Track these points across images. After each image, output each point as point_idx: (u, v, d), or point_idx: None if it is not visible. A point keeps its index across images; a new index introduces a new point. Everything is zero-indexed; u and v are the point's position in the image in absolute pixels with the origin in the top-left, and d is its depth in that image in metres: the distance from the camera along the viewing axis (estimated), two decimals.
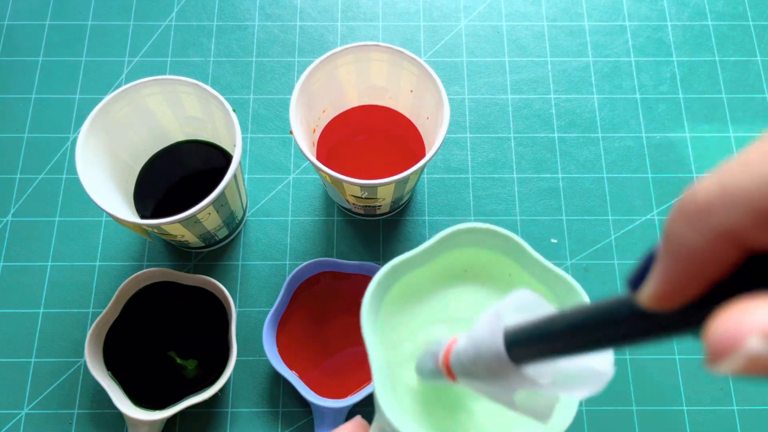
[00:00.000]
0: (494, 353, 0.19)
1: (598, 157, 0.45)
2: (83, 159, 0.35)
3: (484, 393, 0.21)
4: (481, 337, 0.19)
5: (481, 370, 0.20)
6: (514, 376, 0.19)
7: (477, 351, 0.20)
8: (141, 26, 0.49)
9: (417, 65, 0.37)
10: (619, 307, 0.14)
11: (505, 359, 0.18)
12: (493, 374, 0.19)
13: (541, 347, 0.17)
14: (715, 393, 0.40)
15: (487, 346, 0.19)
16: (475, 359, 0.20)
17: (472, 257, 0.28)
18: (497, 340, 0.18)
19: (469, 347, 0.20)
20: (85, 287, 0.42)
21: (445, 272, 0.28)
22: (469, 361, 0.20)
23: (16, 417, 0.39)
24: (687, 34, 0.49)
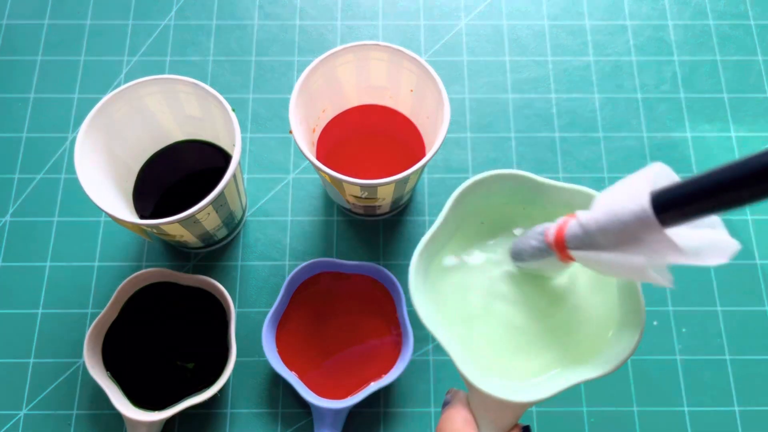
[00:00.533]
0: (636, 215, 0.19)
1: (599, 157, 0.45)
2: (82, 159, 0.34)
3: (607, 266, 0.21)
4: (619, 203, 0.20)
5: (614, 238, 0.20)
6: (653, 241, 0.19)
7: (612, 217, 0.20)
8: (140, 25, 0.49)
9: (417, 65, 0.37)
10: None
11: (651, 220, 0.19)
12: (627, 241, 0.20)
13: (701, 203, 0.18)
14: (717, 394, 0.40)
15: (628, 210, 0.19)
16: (608, 226, 0.20)
17: (483, 209, 0.28)
18: (641, 202, 0.19)
19: (599, 215, 0.21)
20: (83, 287, 0.42)
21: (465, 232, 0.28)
22: (598, 230, 0.21)
23: (14, 418, 0.39)
24: (688, 34, 0.49)
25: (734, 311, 0.42)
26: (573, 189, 0.26)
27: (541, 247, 0.24)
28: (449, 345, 0.25)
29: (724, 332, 0.41)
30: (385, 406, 0.39)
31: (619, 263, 0.21)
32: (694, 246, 0.20)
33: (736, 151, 0.45)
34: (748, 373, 0.40)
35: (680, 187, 0.18)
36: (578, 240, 0.22)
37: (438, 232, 0.26)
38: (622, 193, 0.20)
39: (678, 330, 0.41)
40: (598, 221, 0.21)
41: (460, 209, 0.27)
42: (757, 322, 0.41)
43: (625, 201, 0.20)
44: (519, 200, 0.28)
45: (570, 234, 0.22)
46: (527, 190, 0.27)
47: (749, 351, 0.41)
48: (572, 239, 0.22)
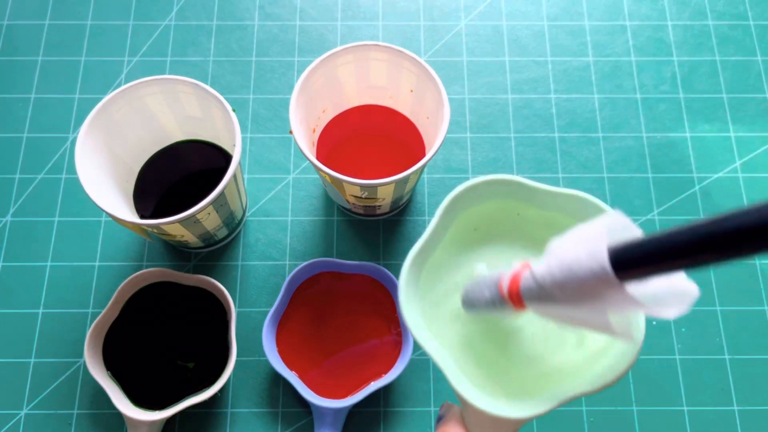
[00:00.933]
0: (595, 273, 0.18)
1: (598, 157, 0.45)
2: (83, 159, 0.34)
3: (566, 318, 0.21)
4: (575, 259, 0.19)
5: (571, 294, 0.19)
6: (612, 297, 0.19)
7: (569, 273, 0.19)
8: (140, 26, 0.49)
9: (417, 65, 0.37)
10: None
11: (610, 278, 0.18)
12: (584, 297, 0.19)
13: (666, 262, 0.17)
14: (716, 393, 0.40)
15: (585, 266, 0.19)
16: (565, 282, 0.19)
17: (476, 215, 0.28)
18: (599, 259, 0.18)
19: (555, 270, 0.20)
20: (84, 287, 0.42)
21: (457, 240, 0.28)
22: (554, 285, 0.20)
23: (15, 417, 0.39)
24: (687, 34, 0.49)
25: (734, 311, 0.42)
26: (566, 194, 0.26)
27: (495, 299, 0.23)
28: (441, 359, 0.24)
29: (724, 332, 0.41)
30: (385, 406, 0.39)
31: (578, 317, 0.20)
32: (652, 295, 0.20)
33: (736, 151, 0.46)
34: (747, 372, 0.40)
35: (641, 246, 0.18)
36: (533, 293, 0.21)
37: (429, 240, 0.26)
38: (578, 247, 0.19)
39: (677, 330, 0.41)
40: (554, 276, 0.20)
41: (452, 216, 0.27)
42: (756, 321, 0.41)
43: (582, 257, 0.19)
44: (512, 207, 0.27)
45: (525, 287, 0.22)
46: (520, 195, 0.27)
47: (748, 351, 0.41)
48: (527, 292, 0.22)
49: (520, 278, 0.22)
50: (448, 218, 0.27)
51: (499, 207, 0.28)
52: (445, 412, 0.26)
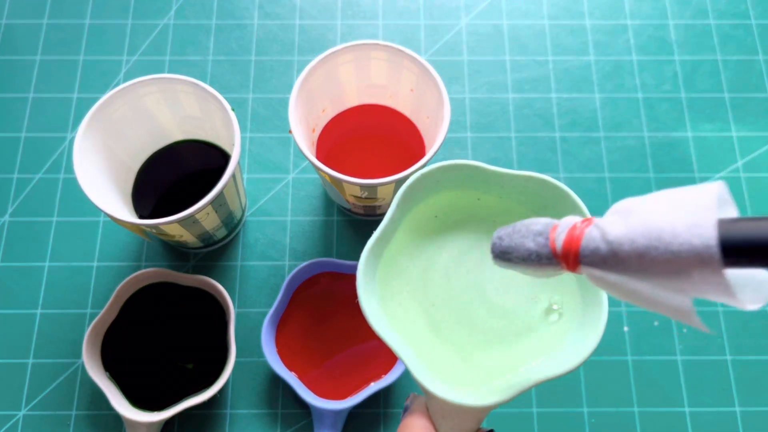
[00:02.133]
0: (695, 250, 0.15)
1: (599, 157, 0.45)
2: (81, 158, 0.34)
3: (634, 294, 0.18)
4: (670, 227, 0.16)
5: (651, 266, 0.17)
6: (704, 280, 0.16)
7: (658, 243, 0.16)
8: (139, 25, 0.49)
9: (417, 64, 0.37)
10: None
11: (714, 259, 0.15)
12: (669, 274, 0.16)
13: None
14: (718, 394, 0.40)
15: (683, 239, 0.16)
16: (648, 251, 0.16)
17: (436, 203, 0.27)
18: (706, 235, 0.15)
19: (637, 236, 0.17)
20: (83, 288, 0.42)
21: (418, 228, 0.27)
22: (632, 252, 0.17)
23: (13, 418, 0.39)
24: (689, 33, 0.49)
25: (735, 311, 0.41)
26: (524, 175, 0.25)
27: (542, 253, 0.20)
28: (401, 350, 0.23)
29: (725, 332, 0.41)
30: (385, 407, 0.39)
31: (653, 297, 0.17)
32: (738, 282, 0.17)
33: (737, 151, 0.45)
34: (749, 373, 0.40)
35: (757, 228, 0.15)
36: (599, 257, 0.18)
37: (387, 229, 0.25)
38: (676, 213, 0.16)
39: (679, 330, 0.41)
40: (635, 243, 0.17)
41: (411, 205, 0.26)
42: (757, 322, 0.41)
43: (680, 227, 0.16)
44: (471, 190, 0.27)
45: (587, 248, 0.18)
46: (478, 180, 0.26)
47: (750, 351, 0.41)
48: (590, 254, 0.18)
49: (583, 235, 0.19)
50: (405, 206, 0.26)
51: (459, 194, 0.27)
52: (410, 402, 0.26)
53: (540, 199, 0.26)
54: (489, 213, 0.27)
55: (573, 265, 0.19)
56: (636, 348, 0.41)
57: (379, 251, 0.26)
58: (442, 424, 0.24)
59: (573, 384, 0.40)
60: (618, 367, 0.40)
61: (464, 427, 0.24)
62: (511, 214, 0.27)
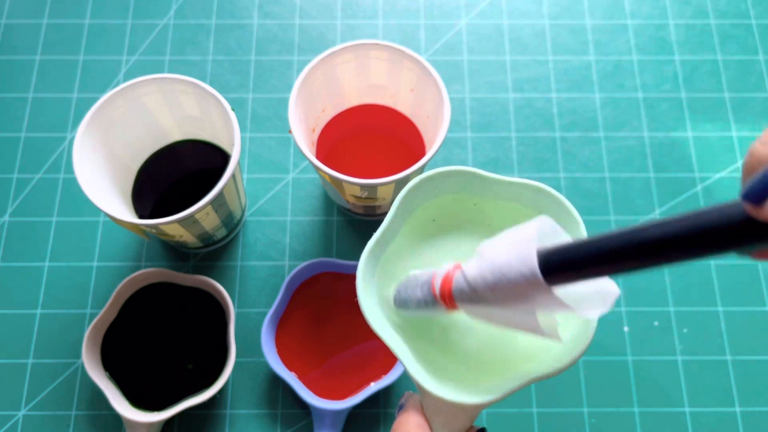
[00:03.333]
0: (525, 276, 0.19)
1: (599, 157, 0.45)
2: (80, 158, 0.34)
3: (496, 319, 0.21)
4: (506, 262, 0.20)
5: (501, 296, 0.20)
6: (540, 299, 0.19)
7: (500, 276, 0.20)
8: (139, 25, 0.49)
9: (417, 64, 0.37)
10: (727, 217, 0.15)
11: (539, 282, 0.19)
12: (514, 299, 0.20)
13: (592, 268, 0.18)
14: (718, 394, 0.40)
15: (515, 270, 0.19)
16: (496, 284, 0.20)
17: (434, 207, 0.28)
18: (529, 263, 0.19)
19: (486, 272, 0.20)
20: (82, 288, 0.42)
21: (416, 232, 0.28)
22: (485, 287, 0.21)
23: (13, 419, 0.39)
24: (689, 33, 0.49)
25: (735, 311, 0.41)
26: (521, 183, 0.26)
27: (428, 299, 0.24)
28: (398, 348, 0.24)
29: (726, 333, 0.41)
30: (385, 407, 0.39)
31: (509, 318, 0.21)
32: (577, 296, 0.20)
33: (737, 151, 0.45)
34: (749, 373, 0.40)
35: (569, 251, 0.19)
36: (465, 295, 0.22)
37: (386, 232, 0.26)
38: (509, 250, 0.20)
39: (679, 330, 0.41)
40: (486, 279, 0.21)
41: (409, 209, 0.27)
42: (758, 322, 0.41)
43: (512, 260, 0.20)
44: (468, 196, 0.28)
45: (456, 288, 0.22)
46: (475, 186, 0.27)
47: (750, 351, 0.41)
48: (459, 294, 0.22)
49: (453, 279, 0.22)
50: (405, 210, 0.27)
51: (456, 198, 0.28)
52: (405, 400, 0.27)
53: (535, 205, 0.27)
54: (485, 218, 0.28)
55: (451, 305, 0.23)
56: (636, 348, 0.41)
57: (379, 253, 0.26)
58: (435, 421, 0.25)
59: (573, 384, 0.40)
60: (618, 367, 0.40)
61: (457, 424, 0.24)
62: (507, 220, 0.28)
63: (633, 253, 0.17)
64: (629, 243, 0.17)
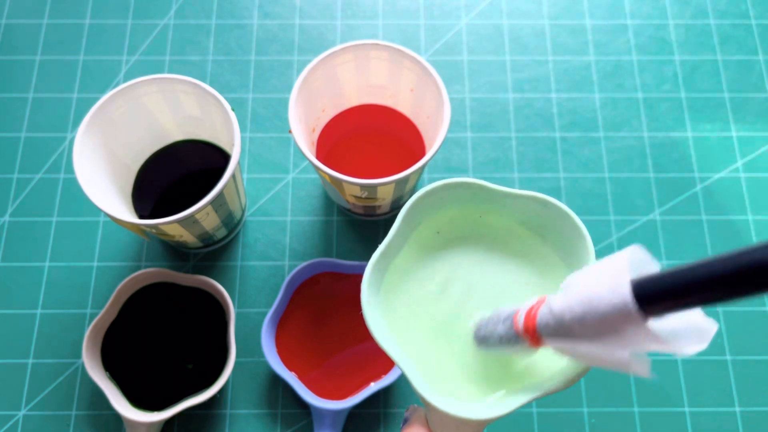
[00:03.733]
0: (616, 307, 0.18)
1: (599, 157, 0.45)
2: (81, 158, 0.34)
3: (585, 356, 0.20)
4: (596, 292, 0.19)
5: (591, 329, 0.19)
6: (633, 333, 0.18)
7: (589, 307, 0.19)
8: (139, 25, 0.49)
9: (417, 64, 0.37)
10: None
11: (632, 312, 0.18)
12: (605, 332, 0.19)
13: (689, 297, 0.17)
14: (718, 395, 0.40)
15: (606, 300, 0.18)
16: (584, 317, 0.19)
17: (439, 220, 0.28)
18: (622, 293, 0.18)
19: (574, 304, 0.20)
20: (82, 288, 0.42)
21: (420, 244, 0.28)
22: (573, 320, 0.20)
23: (13, 418, 0.39)
24: (689, 33, 0.49)
25: (735, 311, 0.41)
26: (527, 195, 0.26)
27: (510, 335, 0.23)
28: (403, 362, 0.24)
29: (725, 332, 0.41)
30: (385, 407, 0.39)
31: (599, 355, 0.20)
32: (672, 331, 0.19)
33: (737, 151, 0.45)
34: (749, 373, 0.40)
35: (665, 279, 0.18)
36: (551, 329, 0.21)
37: (391, 243, 0.26)
38: (599, 280, 0.19)
39: None
40: (573, 311, 0.20)
41: (414, 220, 0.27)
42: (758, 322, 0.41)
43: (603, 291, 0.19)
44: (474, 208, 0.28)
45: (542, 323, 0.21)
46: (481, 198, 0.27)
47: (750, 351, 0.41)
48: (544, 328, 0.21)
49: (537, 313, 0.22)
50: (410, 223, 0.27)
51: (462, 211, 0.28)
52: (410, 414, 0.26)
53: (540, 218, 0.27)
54: (490, 230, 0.28)
55: (536, 341, 0.22)
56: None
57: (384, 265, 0.26)
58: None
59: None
60: None
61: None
62: (512, 232, 0.28)
63: (738, 278, 0.16)
64: (733, 268, 0.16)
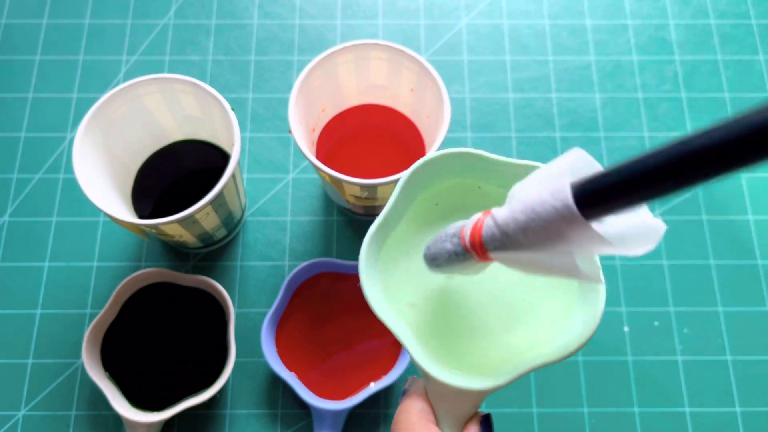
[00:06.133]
0: (558, 211, 0.17)
1: (599, 157, 0.45)
2: (80, 158, 0.34)
3: (533, 265, 0.20)
4: (538, 199, 0.18)
5: (535, 237, 0.19)
6: (578, 237, 0.18)
7: (532, 215, 0.18)
8: (139, 25, 0.49)
9: (417, 64, 0.37)
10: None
11: (575, 215, 0.17)
12: (550, 239, 0.18)
13: (633, 192, 0.16)
14: (718, 394, 0.40)
15: (548, 206, 0.18)
16: (528, 224, 0.19)
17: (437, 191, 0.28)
18: (562, 197, 0.17)
19: (517, 213, 0.19)
20: (82, 288, 0.42)
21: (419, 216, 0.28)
22: (517, 229, 0.19)
23: (13, 419, 0.39)
24: (689, 33, 0.49)
25: (736, 311, 0.41)
26: (525, 164, 0.26)
27: (458, 251, 0.22)
28: (401, 333, 0.24)
29: (726, 333, 0.41)
30: (385, 407, 0.39)
31: (545, 263, 0.19)
32: (619, 234, 0.19)
33: None
34: (749, 373, 0.40)
35: (604, 178, 0.17)
36: (497, 241, 0.20)
37: (389, 215, 0.26)
38: (540, 186, 0.18)
39: (679, 330, 0.41)
40: (517, 220, 0.19)
41: (412, 192, 0.27)
42: (758, 322, 0.41)
43: (544, 196, 0.18)
44: (472, 179, 0.27)
45: (487, 235, 0.21)
46: (479, 168, 0.27)
47: (751, 351, 0.41)
48: (490, 241, 0.20)
49: (482, 226, 0.21)
50: (408, 194, 0.26)
51: (460, 182, 0.27)
52: (409, 386, 0.26)
53: None
54: (489, 202, 0.27)
55: (482, 254, 0.21)
56: (636, 348, 0.41)
57: (382, 238, 0.26)
58: (439, 407, 0.24)
59: (573, 384, 0.40)
60: (618, 367, 0.40)
61: (462, 410, 0.24)
62: None
63: (677, 168, 0.15)
64: (672, 158, 0.15)
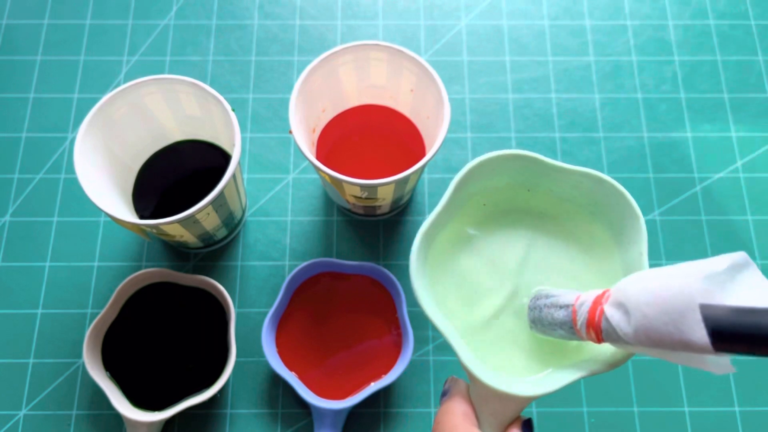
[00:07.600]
0: (691, 347, 0.17)
1: (599, 157, 0.45)
2: (81, 159, 0.34)
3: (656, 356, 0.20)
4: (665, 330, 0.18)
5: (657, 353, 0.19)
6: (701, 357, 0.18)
7: (658, 342, 0.18)
8: (140, 25, 0.49)
9: (417, 64, 0.37)
10: None
11: (708, 350, 0.17)
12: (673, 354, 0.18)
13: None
14: (717, 394, 0.40)
15: (677, 340, 0.17)
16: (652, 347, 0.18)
17: (486, 193, 0.27)
18: (697, 337, 0.17)
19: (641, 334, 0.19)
20: (83, 288, 0.42)
21: (467, 215, 0.27)
22: (638, 343, 0.19)
23: (14, 418, 0.39)
24: (689, 34, 0.49)
25: None
26: (581, 171, 0.25)
27: (566, 324, 0.22)
28: (450, 334, 0.24)
29: None
30: (385, 407, 0.39)
31: (670, 359, 0.19)
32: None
33: (737, 151, 0.45)
34: (749, 373, 0.40)
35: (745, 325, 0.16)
36: (617, 334, 0.20)
37: (440, 215, 0.25)
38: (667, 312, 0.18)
39: None
40: (639, 339, 0.19)
41: (464, 191, 0.26)
42: None
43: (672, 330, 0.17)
44: (523, 183, 0.27)
45: (606, 332, 0.21)
46: (533, 171, 0.26)
47: None
48: (608, 336, 0.20)
49: (601, 316, 0.21)
50: (460, 193, 0.26)
51: (510, 184, 0.27)
52: (449, 386, 0.26)
53: (591, 195, 0.26)
54: (535, 206, 0.27)
55: (598, 341, 0.22)
56: None
57: (432, 236, 0.26)
58: (483, 410, 0.24)
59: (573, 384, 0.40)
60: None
61: (505, 415, 0.24)
62: (560, 207, 0.27)
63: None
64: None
